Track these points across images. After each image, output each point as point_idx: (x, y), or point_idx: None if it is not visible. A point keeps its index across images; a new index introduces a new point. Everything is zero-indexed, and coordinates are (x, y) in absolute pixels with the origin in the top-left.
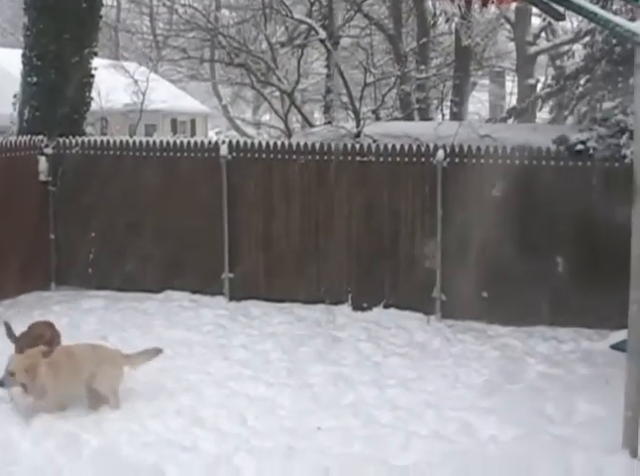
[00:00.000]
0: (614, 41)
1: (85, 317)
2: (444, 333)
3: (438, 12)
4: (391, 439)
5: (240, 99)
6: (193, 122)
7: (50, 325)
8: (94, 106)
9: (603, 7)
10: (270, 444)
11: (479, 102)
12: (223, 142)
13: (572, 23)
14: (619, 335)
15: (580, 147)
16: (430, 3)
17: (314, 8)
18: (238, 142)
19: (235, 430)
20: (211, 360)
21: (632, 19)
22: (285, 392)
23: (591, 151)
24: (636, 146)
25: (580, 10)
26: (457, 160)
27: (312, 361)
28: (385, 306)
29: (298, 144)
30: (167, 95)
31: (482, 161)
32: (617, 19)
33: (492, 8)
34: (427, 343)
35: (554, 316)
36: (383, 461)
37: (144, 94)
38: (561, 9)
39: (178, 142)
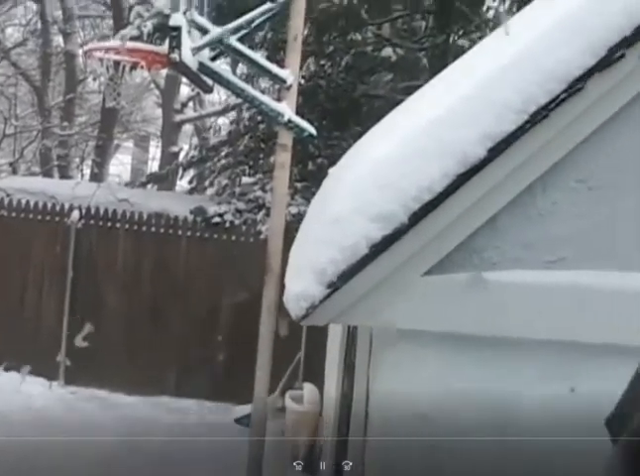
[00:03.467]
0: (259, 118)
1: None
2: (66, 400)
3: (88, 69)
4: None
5: None
6: None
7: None
8: None
9: (261, 90)
10: None
11: (120, 164)
12: None
13: (220, 96)
14: (243, 410)
15: (217, 219)
16: (80, 59)
17: None
18: None
19: None
20: None
21: (279, 99)
22: None
23: (228, 224)
24: (271, 223)
25: (228, 85)
26: (92, 222)
27: None
28: (6, 369)
29: None
30: None
31: (118, 225)
32: (264, 98)
33: (143, 72)
34: (48, 410)
35: (180, 388)
36: None
37: None
38: (210, 82)
39: None
